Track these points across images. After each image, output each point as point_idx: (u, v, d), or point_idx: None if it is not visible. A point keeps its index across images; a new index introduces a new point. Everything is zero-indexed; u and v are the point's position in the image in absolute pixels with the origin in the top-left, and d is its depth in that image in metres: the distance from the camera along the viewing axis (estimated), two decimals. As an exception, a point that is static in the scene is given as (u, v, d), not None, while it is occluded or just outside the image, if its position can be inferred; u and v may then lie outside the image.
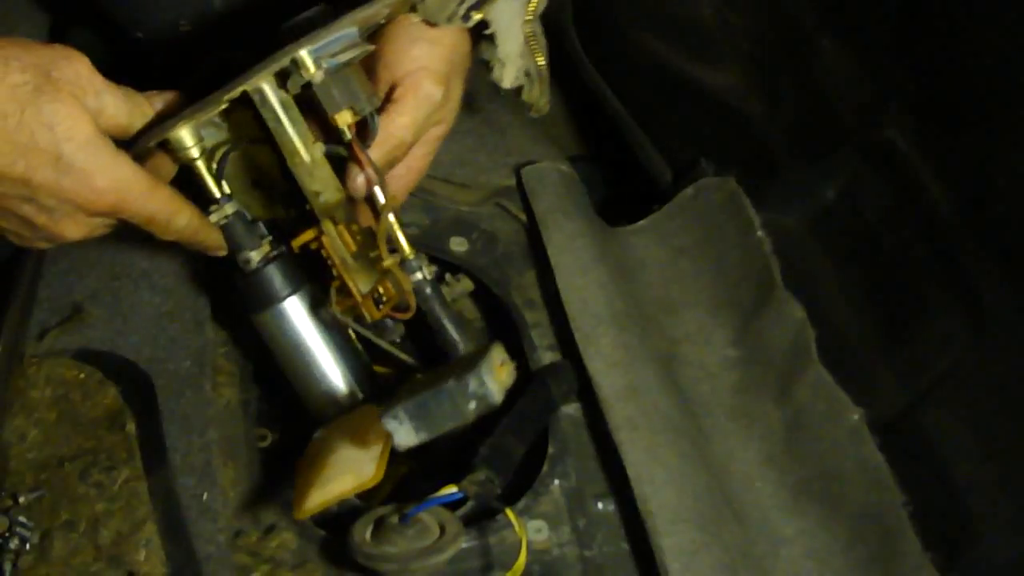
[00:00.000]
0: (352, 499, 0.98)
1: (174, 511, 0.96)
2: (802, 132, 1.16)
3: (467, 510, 0.97)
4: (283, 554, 0.95)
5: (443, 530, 0.90)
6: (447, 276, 1.00)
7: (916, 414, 1.00)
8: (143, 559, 0.93)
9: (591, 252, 1.17)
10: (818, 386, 1.06)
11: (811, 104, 1.14)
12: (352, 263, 0.93)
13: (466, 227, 1.23)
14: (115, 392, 1.04)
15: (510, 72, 1.00)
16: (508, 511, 0.92)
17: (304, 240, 0.93)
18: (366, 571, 0.91)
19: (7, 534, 0.94)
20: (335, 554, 0.94)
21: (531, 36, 0.99)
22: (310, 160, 0.90)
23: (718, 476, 1.05)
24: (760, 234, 1.17)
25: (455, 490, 0.90)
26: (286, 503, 0.97)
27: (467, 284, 1.17)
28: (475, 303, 1.21)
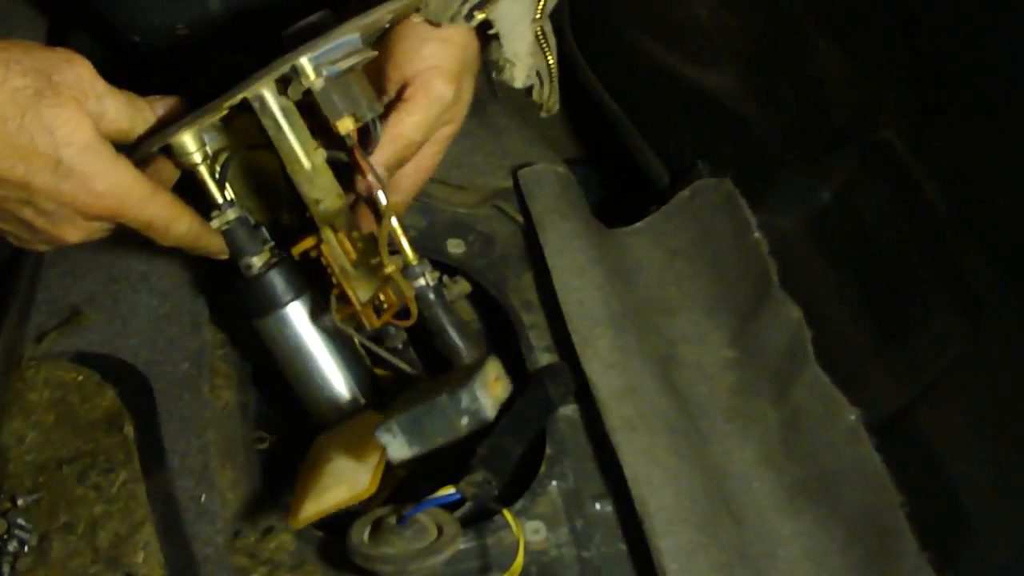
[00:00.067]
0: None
1: (172, 513, 0.96)
2: (798, 134, 1.16)
3: (465, 511, 0.97)
4: (281, 556, 0.95)
5: (441, 531, 0.90)
6: (444, 278, 1.00)
7: (913, 414, 1.00)
8: (141, 561, 0.93)
9: (588, 254, 1.17)
10: (815, 387, 1.07)
11: (807, 106, 1.14)
12: (352, 271, 0.92)
13: (463, 229, 1.23)
14: (113, 394, 1.04)
15: (521, 72, 1.00)
16: (506, 512, 0.92)
17: (304, 247, 0.93)
18: (364, 572, 0.91)
19: (5, 536, 0.94)
20: (333, 555, 0.94)
21: (541, 35, 0.99)
22: (311, 167, 0.90)
23: (715, 477, 1.05)
24: (756, 235, 1.17)
25: (453, 491, 0.90)
26: (284, 505, 0.97)
27: (464, 286, 1.17)
28: (472, 305, 1.21)
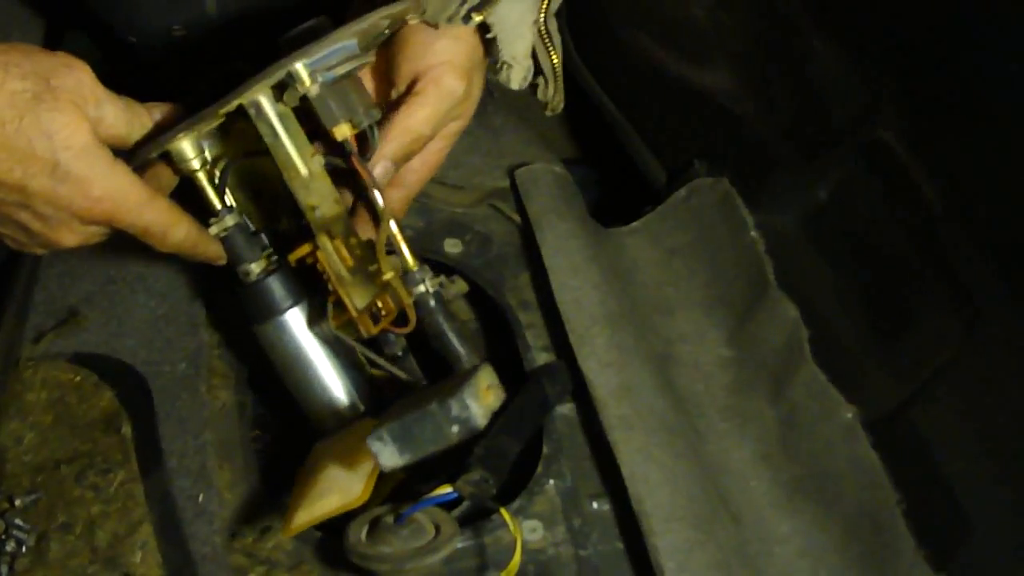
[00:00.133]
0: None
1: (170, 513, 0.97)
2: (795, 133, 1.16)
3: (462, 510, 0.97)
4: (279, 555, 0.95)
5: (438, 530, 0.90)
6: (442, 278, 1.00)
7: (909, 412, 1.00)
8: (139, 561, 0.94)
9: (585, 253, 1.17)
10: (812, 385, 1.07)
11: (804, 105, 1.14)
12: (348, 278, 0.92)
13: (460, 229, 1.23)
14: (111, 395, 1.04)
15: (518, 74, 1.00)
16: (503, 511, 0.92)
17: (300, 254, 0.93)
18: (362, 571, 0.92)
19: (4, 536, 0.94)
20: (331, 555, 0.95)
21: (545, 34, 0.99)
22: (307, 173, 0.90)
23: (713, 475, 1.05)
24: (753, 234, 1.18)
25: (450, 490, 0.90)
26: (282, 505, 0.96)
27: (461, 286, 1.17)
28: (469, 304, 1.21)
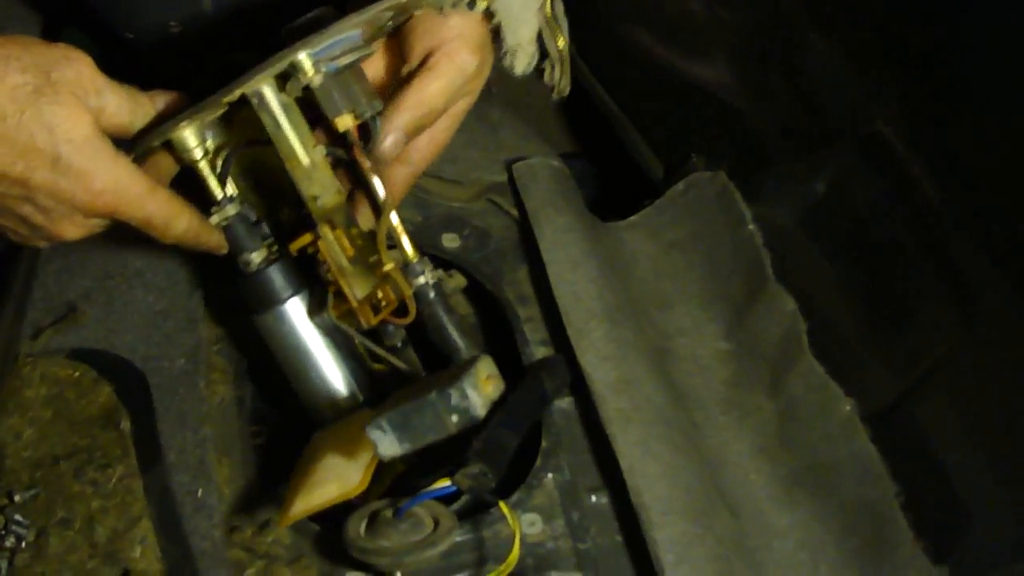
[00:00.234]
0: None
1: (169, 508, 0.96)
2: (793, 127, 1.16)
3: (461, 504, 0.98)
4: (278, 550, 0.95)
5: (437, 524, 0.90)
6: (440, 272, 1.00)
7: (908, 405, 1.00)
8: (138, 556, 0.94)
9: (583, 247, 1.17)
10: (810, 378, 1.07)
11: (801, 99, 1.14)
12: (349, 268, 0.92)
13: (458, 223, 1.23)
14: (109, 390, 1.04)
15: (522, 60, 1.00)
16: (502, 504, 0.92)
17: (301, 244, 0.93)
18: (361, 565, 0.92)
19: (3, 532, 0.94)
20: (330, 549, 0.95)
21: (551, 18, 0.99)
22: (309, 163, 0.90)
23: (711, 468, 1.05)
24: (751, 228, 1.18)
25: (449, 484, 0.90)
26: (281, 499, 0.96)
27: (460, 280, 1.18)
28: (468, 299, 1.21)
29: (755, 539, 1.02)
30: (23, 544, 0.94)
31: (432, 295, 0.95)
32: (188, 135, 0.89)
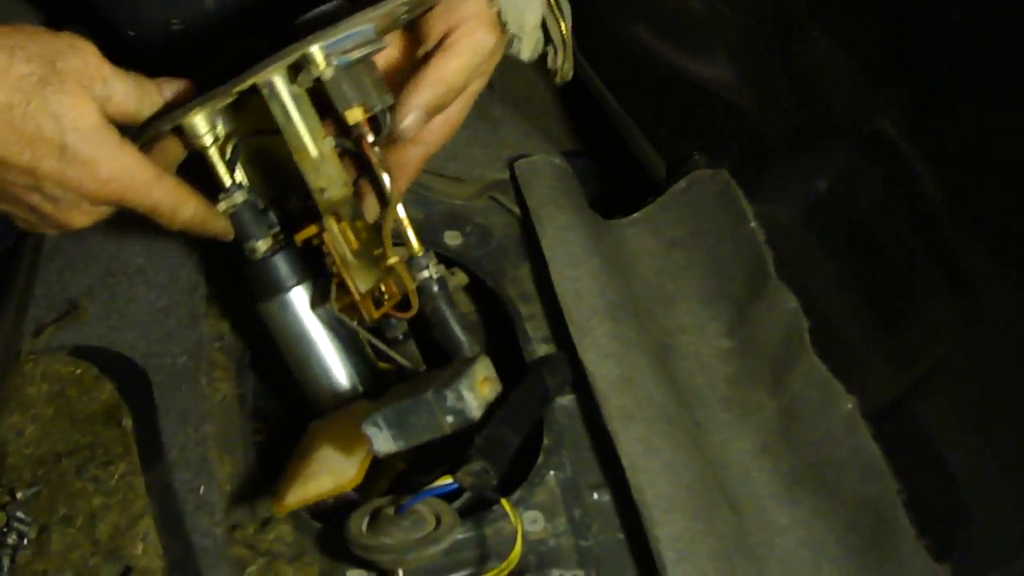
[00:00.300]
0: (348, 492, 0.98)
1: (171, 505, 0.96)
2: (795, 124, 1.16)
3: (463, 501, 0.97)
4: (280, 547, 0.95)
5: (439, 521, 0.90)
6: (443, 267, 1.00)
7: (910, 402, 1.00)
8: (140, 553, 0.94)
9: (585, 244, 1.17)
10: (812, 375, 1.07)
11: (803, 96, 1.14)
12: (353, 261, 0.93)
13: (460, 221, 1.23)
14: (111, 388, 1.04)
15: (528, 46, 1.00)
16: (504, 502, 0.92)
17: (306, 235, 0.94)
18: (363, 563, 0.92)
19: (5, 529, 0.94)
20: (332, 546, 0.95)
21: (553, 4, 0.99)
22: (317, 155, 0.90)
23: (713, 466, 1.05)
24: (753, 225, 1.18)
25: (451, 481, 0.90)
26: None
27: (461, 278, 1.18)
28: (469, 296, 1.21)
29: (757, 536, 1.02)
30: (25, 541, 0.94)
31: (436, 289, 0.96)
32: (199, 121, 0.89)
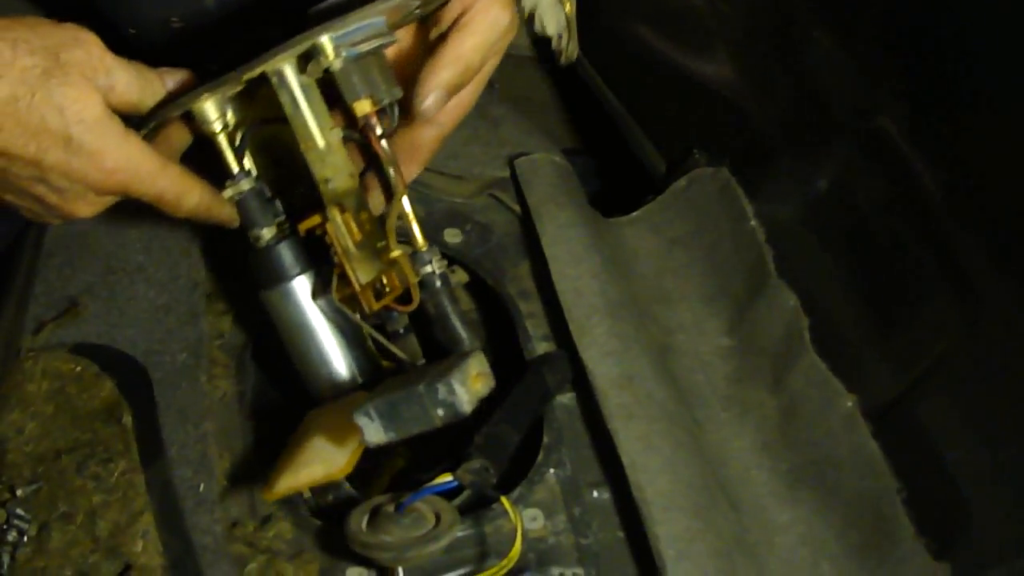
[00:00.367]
0: (349, 489, 0.98)
1: (171, 502, 0.97)
2: (795, 122, 1.16)
3: (463, 499, 0.97)
4: (280, 544, 0.95)
5: (438, 519, 0.90)
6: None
7: (910, 401, 1.00)
8: (140, 550, 0.94)
9: (585, 242, 1.17)
10: (812, 374, 1.07)
11: (803, 94, 1.14)
12: (355, 253, 0.93)
13: (460, 219, 1.23)
14: (111, 385, 1.04)
15: (551, 20, 1.01)
16: (503, 500, 0.92)
17: (309, 225, 0.94)
18: (362, 560, 0.92)
19: (5, 526, 0.94)
20: (331, 544, 0.94)
21: None
22: (324, 145, 0.91)
23: (713, 464, 1.05)
24: (753, 224, 1.18)
25: (450, 479, 0.90)
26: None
27: (462, 276, 1.18)
28: (469, 294, 1.21)
29: (756, 535, 1.02)
30: (25, 538, 0.94)
31: (438, 284, 0.96)
32: (209, 107, 0.90)
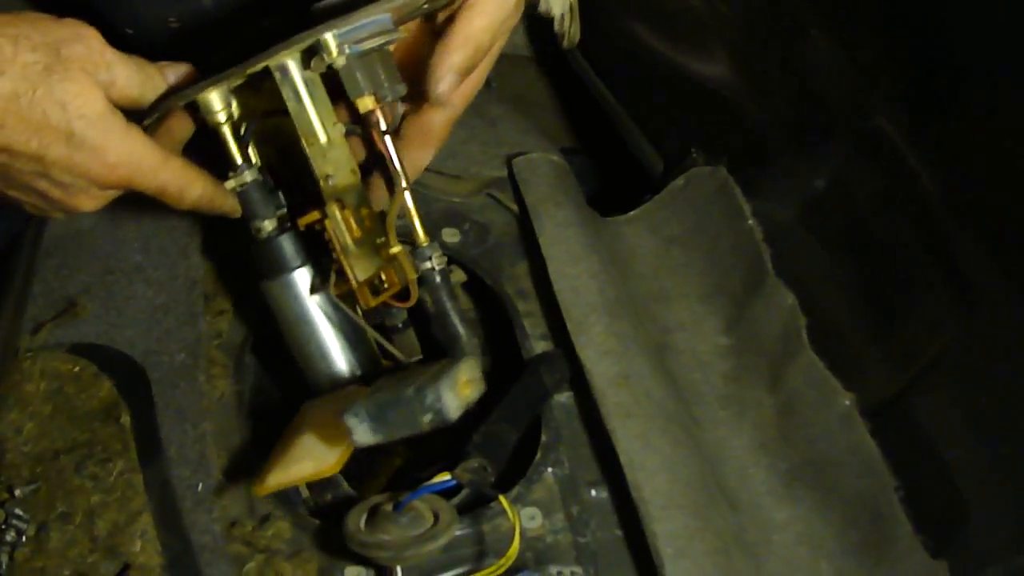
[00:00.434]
0: (347, 488, 0.99)
1: (169, 502, 0.97)
2: (792, 121, 1.16)
3: (461, 498, 0.98)
4: (278, 544, 0.95)
5: (437, 518, 0.90)
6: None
7: (907, 399, 1.00)
8: (139, 550, 0.94)
9: (583, 241, 1.17)
10: (809, 372, 1.07)
11: (801, 93, 1.14)
12: (354, 249, 0.93)
13: (458, 218, 1.23)
14: (110, 385, 1.04)
15: (558, 1, 1.00)
16: (502, 498, 0.92)
17: (309, 220, 0.94)
18: (361, 559, 0.92)
19: (3, 526, 0.94)
20: (330, 543, 0.95)
21: None
22: (326, 140, 0.91)
23: (711, 463, 1.06)
24: (751, 222, 1.18)
25: (448, 478, 0.90)
26: (281, 493, 0.97)
27: (459, 275, 1.17)
28: (467, 293, 1.21)
29: (755, 533, 1.03)
30: (23, 538, 0.94)
31: (438, 280, 0.95)
32: (214, 98, 0.90)
